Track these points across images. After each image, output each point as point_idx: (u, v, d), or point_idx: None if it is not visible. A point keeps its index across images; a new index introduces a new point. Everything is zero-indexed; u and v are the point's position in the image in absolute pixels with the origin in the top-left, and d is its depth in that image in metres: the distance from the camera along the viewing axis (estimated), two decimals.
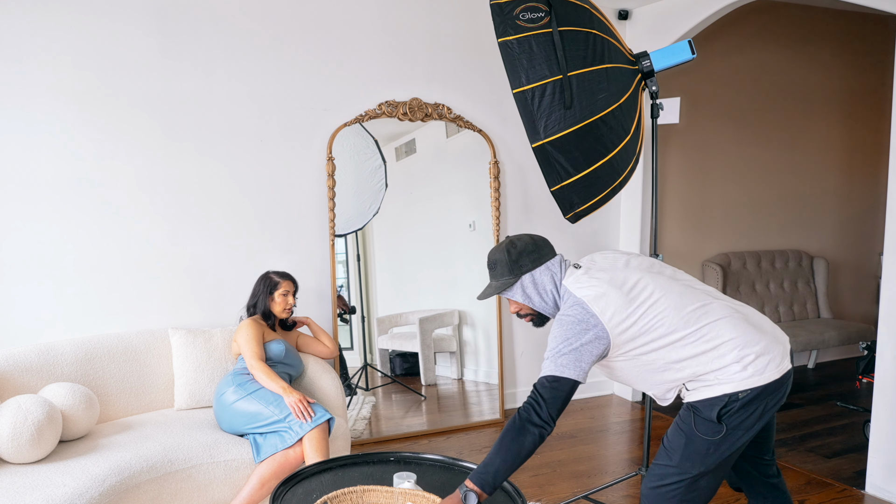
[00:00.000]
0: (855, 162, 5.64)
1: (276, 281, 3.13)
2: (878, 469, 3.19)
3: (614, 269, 1.99)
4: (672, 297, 1.92)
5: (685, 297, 1.94)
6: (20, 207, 3.13)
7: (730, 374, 1.87)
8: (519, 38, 2.31)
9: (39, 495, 2.18)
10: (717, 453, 1.92)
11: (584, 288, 1.93)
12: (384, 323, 3.99)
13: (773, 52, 5.12)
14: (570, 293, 1.95)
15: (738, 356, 1.87)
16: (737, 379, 1.87)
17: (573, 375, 1.86)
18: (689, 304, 1.92)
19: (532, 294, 2.03)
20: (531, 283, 2.03)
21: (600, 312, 1.88)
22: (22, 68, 3.08)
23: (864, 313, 5.79)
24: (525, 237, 2.08)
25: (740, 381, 1.87)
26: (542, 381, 1.87)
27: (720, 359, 1.88)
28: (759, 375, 1.86)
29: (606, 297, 1.90)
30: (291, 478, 2.11)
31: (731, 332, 1.88)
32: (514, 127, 4.17)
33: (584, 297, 1.91)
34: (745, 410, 1.89)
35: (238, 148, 3.55)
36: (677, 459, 1.97)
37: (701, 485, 1.96)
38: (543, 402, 1.86)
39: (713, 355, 1.88)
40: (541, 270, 2.02)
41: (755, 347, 1.88)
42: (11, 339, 3.13)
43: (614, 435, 3.98)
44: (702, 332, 1.89)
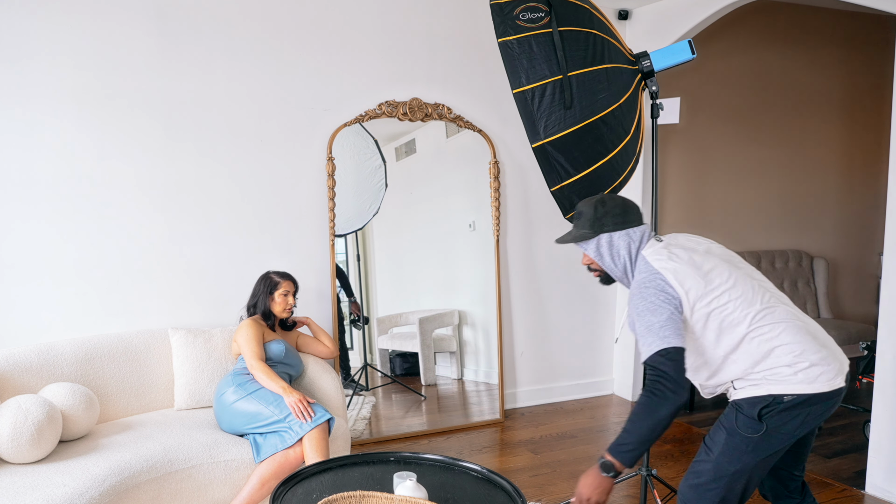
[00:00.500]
0: (855, 162, 5.63)
1: (277, 281, 3.13)
2: (878, 469, 3.19)
3: (694, 251, 2.02)
4: (745, 292, 1.94)
5: (756, 294, 1.95)
6: (20, 207, 3.13)
7: (779, 376, 1.89)
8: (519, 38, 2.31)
9: (39, 495, 2.18)
10: (755, 453, 1.92)
11: (663, 260, 1.96)
12: (384, 323, 3.99)
13: (773, 52, 5.12)
14: (648, 264, 1.98)
15: (791, 360, 1.88)
16: (785, 381, 1.88)
17: (679, 343, 1.87)
18: (758, 303, 1.93)
19: (605, 254, 2.09)
20: (607, 243, 2.08)
21: (678, 286, 1.92)
22: (22, 68, 3.08)
23: (864, 313, 5.79)
24: (618, 199, 2.12)
25: (788, 385, 1.88)
26: (656, 358, 1.86)
27: (773, 360, 1.89)
28: (808, 383, 1.87)
29: (685, 274, 1.93)
30: (291, 478, 2.11)
31: (790, 337, 1.90)
32: (514, 127, 4.17)
33: (663, 269, 1.95)
34: (787, 414, 1.89)
35: (238, 148, 3.55)
36: (715, 456, 1.97)
37: (736, 487, 1.96)
38: (666, 375, 1.85)
39: (767, 355, 1.90)
40: (620, 235, 2.07)
41: (811, 356, 1.89)
42: (11, 339, 3.13)
43: (614, 435, 3.96)
44: (762, 331, 1.90)
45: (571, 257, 4.50)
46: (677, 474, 3.42)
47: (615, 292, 4.69)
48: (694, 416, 4.34)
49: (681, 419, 4.26)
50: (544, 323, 4.46)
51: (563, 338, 4.55)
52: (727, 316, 1.92)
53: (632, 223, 2.09)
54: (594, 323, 4.65)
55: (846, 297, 5.75)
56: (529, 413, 4.32)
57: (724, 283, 1.94)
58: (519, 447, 3.76)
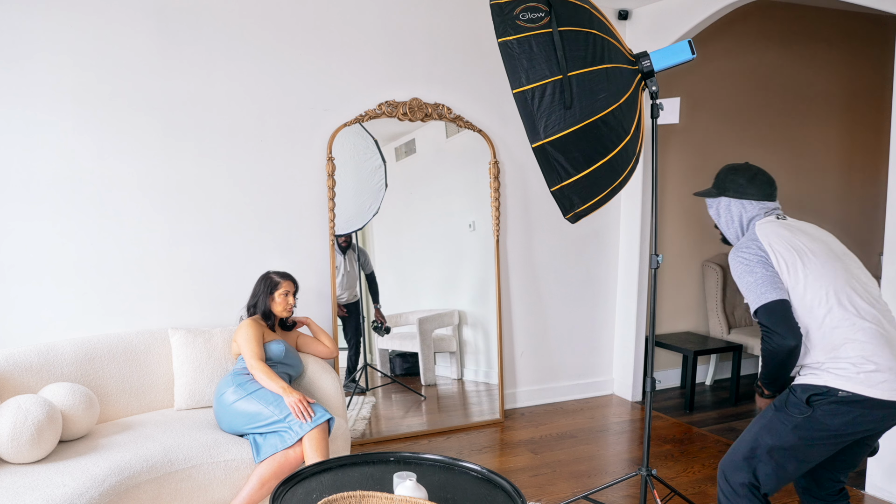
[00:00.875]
0: (855, 162, 5.63)
1: (277, 281, 3.13)
2: (878, 469, 3.19)
3: (803, 232, 2.13)
4: (836, 281, 2.01)
5: (846, 287, 2.01)
6: (20, 207, 3.13)
7: (841, 371, 1.94)
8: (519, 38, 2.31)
9: (39, 495, 2.18)
10: (794, 433, 1.99)
11: (770, 236, 2.09)
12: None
13: (773, 52, 5.12)
14: (757, 235, 2.12)
15: (857, 360, 1.92)
16: (844, 376, 1.93)
17: (776, 296, 1.98)
18: (845, 297, 1.99)
19: (722, 215, 2.30)
20: (725, 207, 2.28)
21: (769, 247, 2.06)
22: (22, 68, 3.08)
23: None
24: (752, 170, 2.29)
25: (846, 380, 1.92)
26: (759, 316, 2.00)
27: (842, 353, 1.95)
28: (866, 385, 1.90)
29: (779, 239, 2.07)
30: (291, 478, 2.11)
31: (865, 336, 1.94)
32: (514, 127, 4.17)
33: (761, 235, 2.10)
34: (836, 407, 1.94)
35: (238, 148, 3.55)
36: (757, 428, 2.08)
37: (768, 465, 2.03)
38: (768, 329, 1.98)
39: (838, 348, 1.96)
40: (737, 202, 2.25)
41: (879, 361, 1.91)
42: (11, 339, 3.13)
43: (614, 435, 3.98)
44: (842, 323, 1.96)
45: (571, 257, 4.51)
46: (677, 474, 3.42)
47: (615, 292, 4.69)
48: (694, 415, 4.35)
49: (681, 419, 4.26)
50: (544, 323, 4.46)
51: (563, 338, 4.55)
52: (812, 297, 1.99)
53: (752, 196, 2.24)
54: (594, 323, 4.65)
55: None
56: (529, 413, 4.32)
57: (818, 263, 2.02)
58: (519, 447, 3.76)
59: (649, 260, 2.77)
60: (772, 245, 2.07)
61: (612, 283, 4.68)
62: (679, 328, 5.03)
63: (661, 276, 4.85)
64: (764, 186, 2.27)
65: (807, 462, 2.03)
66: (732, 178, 2.28)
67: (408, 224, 4.03)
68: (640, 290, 4.54)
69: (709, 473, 3.44)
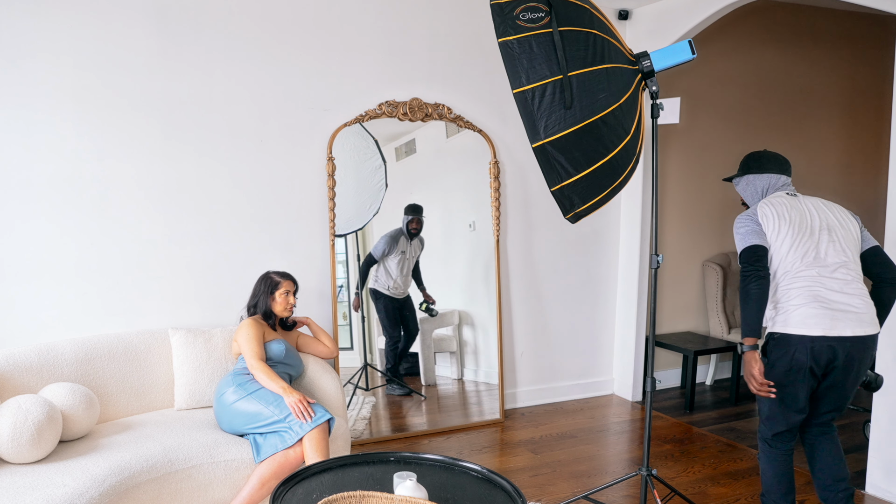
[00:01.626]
0: (855, 162, 5.63)
1: (277, 280, 3.13)
2: (878, 469, 3.19)
3: (798, 209, 2.58)
4: (800, 249, 2.51)
5: (808, 255, 2.50)
6: (20, 207, 3.13)
7: (777, 318, 2.51)
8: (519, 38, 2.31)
9: (39, 495, 2.18)
10: (771, 374, 2.51)
11: (770, 206, 2.59)
12: None
13: (773, 52, 5.12)
14: (761, 204, 2.62)
15: (789, 308, 2.47)
16: (778, 322, 2.50)
17: (755, 241, 2.52)
18: (799, 261, 2.50)
19: (748, 189, 2.78)
20: (746, 182, 2.78)
21: (761, 215, 2.57)
22: (22, 68, 3.08)
23: None
24: (768, 155, 2.76)
25: (777, 325, 2.50)
26: (741, 256, 2.54)
27: (780, 305, 2.50)
28: (789, 326, 2.46)
29: (774, 219, 2.55)
30: (291, 478, 2.11)
31: (800, 293, 2.47)
32: (514, 127, 4.17)
33: (763, 211, 2.58)
34: (776, 351, 2.50)
35: (238, 148, 3.55)
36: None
37: (765, 405, 2.57)
38: (744, 265, 2.51)
39: (780, 301, 2.51)
40: (753, 178, 2.76)
41: (804, 309, 2.44)
42: (11, 339, 3.13)
43: (614, 435, 3.98)
44: (790, 282, 2.50)
45: (571, 257, 4.51)
46: (677, 474, 3.42)
47: (615, 292, 4.69)
48: (694, 415, 4.35)
49: (681, 419, 4.26)
50: (544, 323, 4.46)
51: (563, 338, 4.55)
52: (779, 258, 2.53)
53: (767, 170, 2.73)
54: (594, 323, 4.65)
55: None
56: (529, 413, 4.32)
57: (792, 232, 2.52)
58: (519, 447, 3.76)
59: (649, 260, 2.77)
60: (765, 212, 2.57)
61: (612, 283, 4.68)
62: (679, 328, 5.03)
63: (661, 276, 4.85)
64: (776, 163, 2.74)
65: (791, 394, 2.50)
66: (752, 159, 2.79)
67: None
68: (640, 290, 4.54)
69: (709, 473, 3.44)
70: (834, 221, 2.56)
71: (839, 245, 2.51)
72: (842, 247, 2.52)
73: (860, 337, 2.42)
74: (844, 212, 2.62)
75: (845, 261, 2.49)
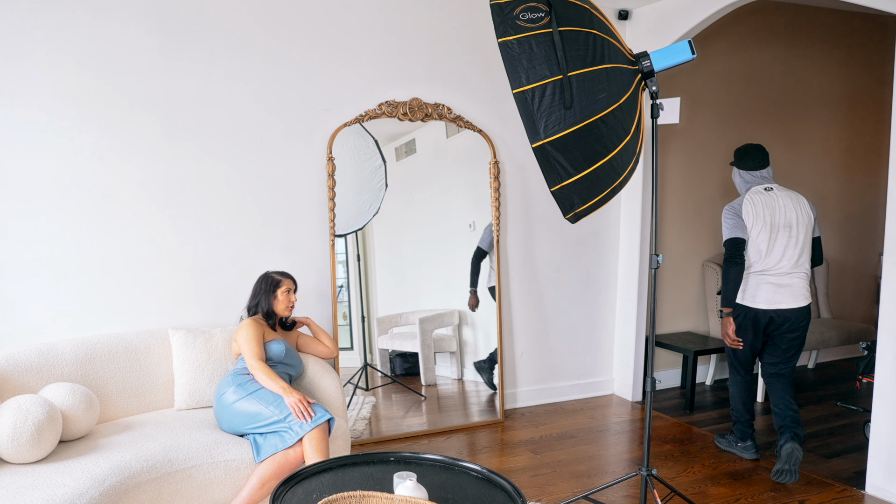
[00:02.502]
0: (855, 162, 5.64)
1: (279, 279, 3.14)
2: (878, 469, 3.19)
3: (771, 207, 3.39)
4: (763, 244, 3.38)
5: (767, 250, 3.38)
6: (21, 206, 3.13)
7: (741, 293, 3.46)
8: (519, 38, 2.31)
9: (39, 495, 2.18)
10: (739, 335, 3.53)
11: (748, 203, 3.40)
12: (384, 323, 3.99)
13: (773, 52, 5.12)
14: (744, 199, 3.43)
15: (748, 287, 3.43)
16: (741, 297, 3.45)
17: (736, 235, 3.38)
18: (762, 256, 3.39)
19: (736, 181, 3.58)
20: (737, 174, 3.56)
21: (744, 211, 3.40)
22: (22, 67, 3.08)
23: (864, 313, 5.79)
24: (747, 148, 3.53)
25: (740, 299, 3.45)
26: (725, 244, 3.41)
27: (745, 285, 3.45)
28: (745, 300, 3.44)
29: (751, 214, 3.39)
30: (291, 478, 2.11)
31: (757, 277, 3.42)
32: (514, 127, 4.17)
33: (744, 205, 3.41)
34: (737, 312, 3.48)
35: (238, 148, 3.55)
36: None
37: (729, 352, 3.65)
38: (727, 252, 3.40)
39: (745, 281, 3.45)
40: (739, 171, 3.54)
41: (756, 291, 3.42)
42: (11, 339, 3.13)
43: (614, 435, 3.98)
44: (754, 269, 3.43)
45: (571, 257, 4.51)
46: (677, 474, 3.42)
47: (615, 292, 4.69)
48: (694, 416, 4.35)
49: (681, 419, 4.26)
50: (544, 323, 4.46)
51: (563, 338, 4.55)
52: (751, 247, 3.41)
53: (746, 167, 3.51)
54: (594, 323, 4.65)
55: (846, 297, 5.75)
56: (529, 413, 4.32)
57: (759, 226, 3.38)
58: (519, 447, 3.76)
59: (649, 260, 2.77)
60: (747, 210, 3.39)
61: (612, 284, 4.68)
62: (679, 328, 5.04)
63: (661, 276, 4.85)
64: (752, 158, 3.50)
65: (748, 346, 3.51)
66: (736, 154, 3.56)
67: (408, 224, 4.03)
68: (640, 290, 4.54)
69: (709, 473, 3.44)
70: (794, 218, 3.38)
71: (794, 239, 3.38)
72: (796, 240, 3.38)
73: (795, 308, 3.39)
74: (806, 206, 3.43)
75: (796, 252, 3.38)
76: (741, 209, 3.37)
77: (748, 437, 3.64)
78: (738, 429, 3.67)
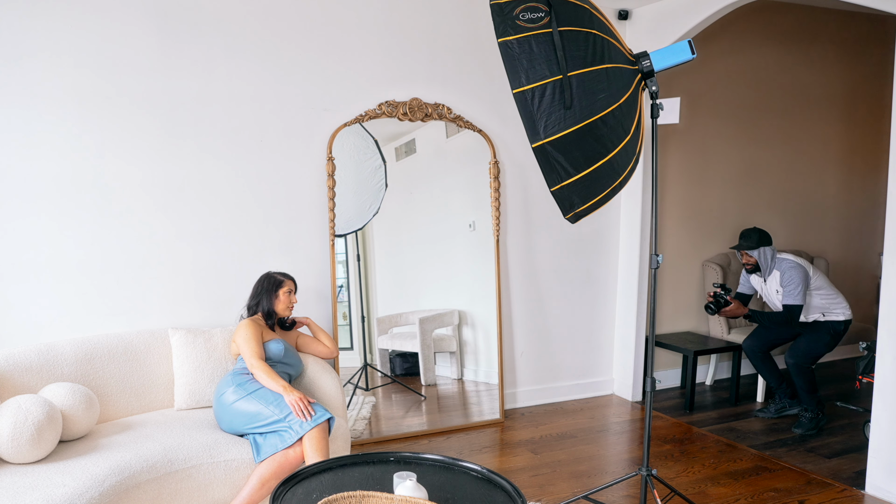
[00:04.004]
0: (855, 162, 5.64)
1: (280, 280, 3.14)
2: (878, 469, 3.19)
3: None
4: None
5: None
6: (21, 206, 3.13)
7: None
8: (519, 38, 2.31)
9: (39, 495, 2.18)
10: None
11: (794, 258, 4.17)
12: (384, 323, 3.99)
13: (773, 52, 5.12)
14: (790, 259, 4.16)
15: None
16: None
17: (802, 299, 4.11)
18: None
19: (764, 257, 4.17)
20: (768, 252, 4.17)
21: (810, 270, 4.16)
22: (23, 67, 3.08)
23: (864, 313, 5.78)
24: (762, 231, 4.18)
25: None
26: (797, 309, 4.08)
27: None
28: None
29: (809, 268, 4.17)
30: (291, 478, 2.11)
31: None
32: (514, 127, 4.17)
33: (802, 263, 4.15)
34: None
35: (238, 147, 3.55)
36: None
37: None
38: (795, 317, 4.11)
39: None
40: (770, 248, 4.17)
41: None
42: (11, 339, 3.13)
43: (614, 435, 3.98)
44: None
45: (571, 257, 4.51)
46: (677, 474, 3.42)
47: (615, 292, 4.69)
48: (694, 415, 4.35)
49: (681, 419, 4.26)
50: (544, 323, 4.46)
51: (563, 338, 4.55)
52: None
53: (770, 244, 4.19)
54: (594, 323, 4.65)
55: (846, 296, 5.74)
56: (529, 413, 4.32)
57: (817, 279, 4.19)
58: (519, 447, 3.76)
59: (649, 260, 2.77)
60: (807, 266, 4.23)
61: (612, 283, 4.68)
62: (679, 328, 5.03)
63: (661, 276, 4.85)
64: (769, 237, 4.27)
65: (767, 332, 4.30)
66: (763, 236, 4.18)
67: (408, 224, 4.03)
68: (640, 290, 4.54)
69: (709, 473, 3.44)
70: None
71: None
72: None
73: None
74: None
75: None
76: (804, 267, 4.12)
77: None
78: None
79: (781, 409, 4.35)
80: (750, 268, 4.26)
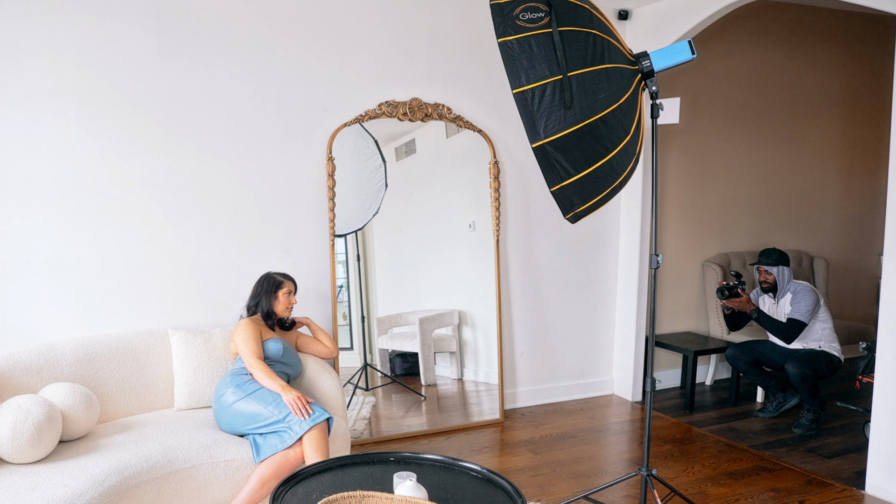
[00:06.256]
0: (855, 162, 5.64)
1: (280, 280, 3.14)
2: (878, 469, 3.19)
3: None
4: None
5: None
6: (21, 206, 3.13)
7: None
8: (519, 38, 2.31)
9: (39, 495, 2.18)
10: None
11: (810, 285, 4.19)
12: (384, 323, 3.99)
13: (773, 52, 5.12)
14: (806, 284, 4.18)
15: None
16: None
17: (808, 319, 4.12)
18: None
19: (782, 277, 4.21)
20: (786, 272, 4.22)
21: (820, 297, 4.17)
22: (23, 67, 3.08)
23: (864, 313, 5.79)
24: (782, 252, 4.22)
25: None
26: (801, 325, 4.07)
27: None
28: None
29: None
30: (291, 478, 2.11)
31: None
32: (514, 127, 4.17)
33: (817, 291, 4.16)
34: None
35: (238, 147, 3.55)
36: None
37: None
38: (795, 333, 4.09)
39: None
40: (788, 269, 4.23)
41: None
42: (11, 339, 3.13)
43: (614, 435, 3.98)
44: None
45: (571, 257, 4.51)
46: (677, 474, 3.42)
47: (615, 292, 4.69)
48: (694, 415, 4.35)
49: (681, 419, 4.26)
50: (544, 323, 4.46)
51: (563, 338, 4.55)
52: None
53: (786, 264, 4.22)
54: (594, 323, 4.65)
55: (846, 297, 5.75)
56: (529, 413, 4.32)
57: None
58: (519, 447, 3.76)
59: (649, 260, 2.77)
60: (818, 293, 4.26)
61: (612, 283, 4.68)
62: (679, 328, 5.03)
63: (661, 276, 4.85)
64: (788, 258, 4.31)
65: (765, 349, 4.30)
66: (783, 256, 4.23)
67: (408, 224, 4.03)
68: (640, 290, 4.54)
69: (709, 473, 3.44)
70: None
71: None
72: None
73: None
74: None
75: None
76: (817, 293, 4.16)
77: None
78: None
79: (780, 404, 4.33)
80: (767, 286, 4.23)
